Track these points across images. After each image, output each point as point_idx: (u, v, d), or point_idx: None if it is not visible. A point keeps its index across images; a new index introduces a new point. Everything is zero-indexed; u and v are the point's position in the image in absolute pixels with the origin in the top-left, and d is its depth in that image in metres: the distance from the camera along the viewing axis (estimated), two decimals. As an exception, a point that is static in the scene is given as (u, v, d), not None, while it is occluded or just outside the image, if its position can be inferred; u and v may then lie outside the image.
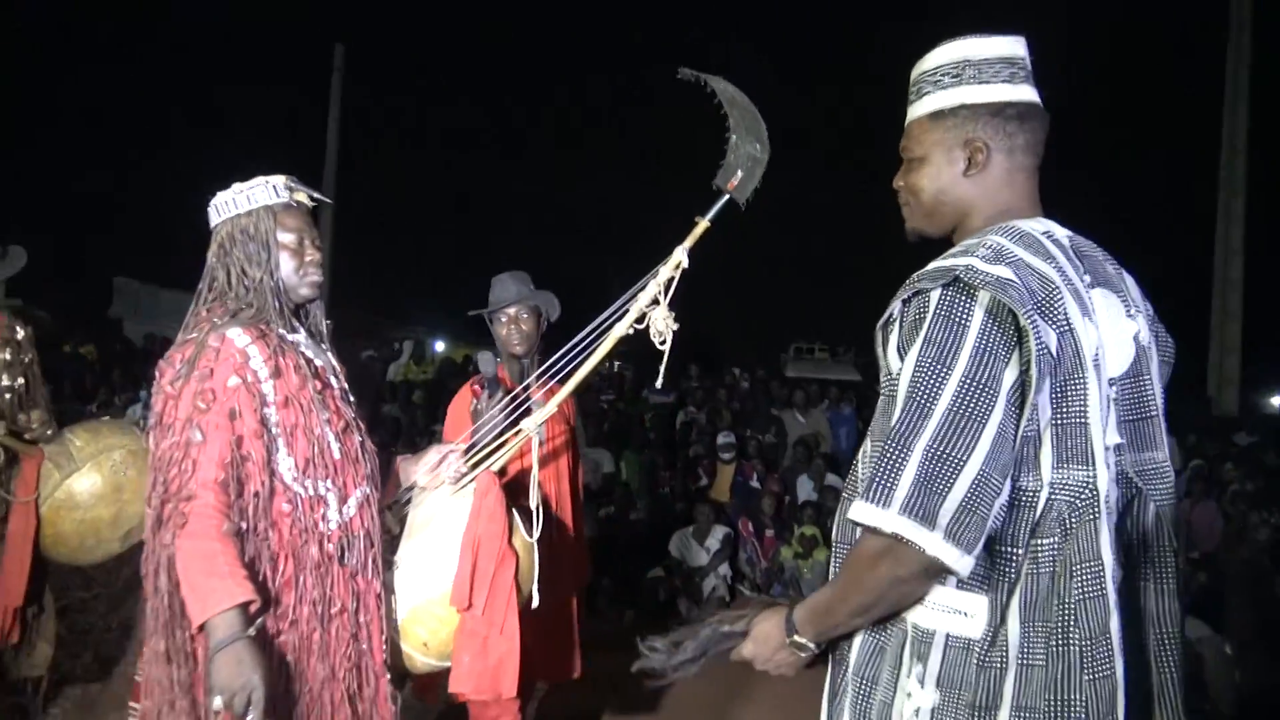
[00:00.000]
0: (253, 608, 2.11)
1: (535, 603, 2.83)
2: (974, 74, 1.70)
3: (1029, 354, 1.50)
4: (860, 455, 1.79)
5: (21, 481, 3.28)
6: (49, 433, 3.35)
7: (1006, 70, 1.70)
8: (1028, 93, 1.72)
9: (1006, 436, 1.49)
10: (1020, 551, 1.54)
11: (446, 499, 2.78)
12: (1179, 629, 1.70)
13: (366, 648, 2.40)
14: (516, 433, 2.99)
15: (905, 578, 1.52)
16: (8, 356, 3.44)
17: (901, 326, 1.60)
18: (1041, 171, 1.77)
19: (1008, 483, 1.50)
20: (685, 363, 11.89)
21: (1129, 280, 1.77)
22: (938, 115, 1.73)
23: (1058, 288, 1.57)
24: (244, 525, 2.18)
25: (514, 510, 2.80)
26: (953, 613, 1.57)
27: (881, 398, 1.69)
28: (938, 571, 1.50)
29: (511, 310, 3.65)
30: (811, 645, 1.69)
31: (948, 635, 1.57)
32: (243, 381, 2.22)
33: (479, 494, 2.73)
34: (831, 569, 1.81)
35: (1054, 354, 1.53)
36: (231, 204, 2.39)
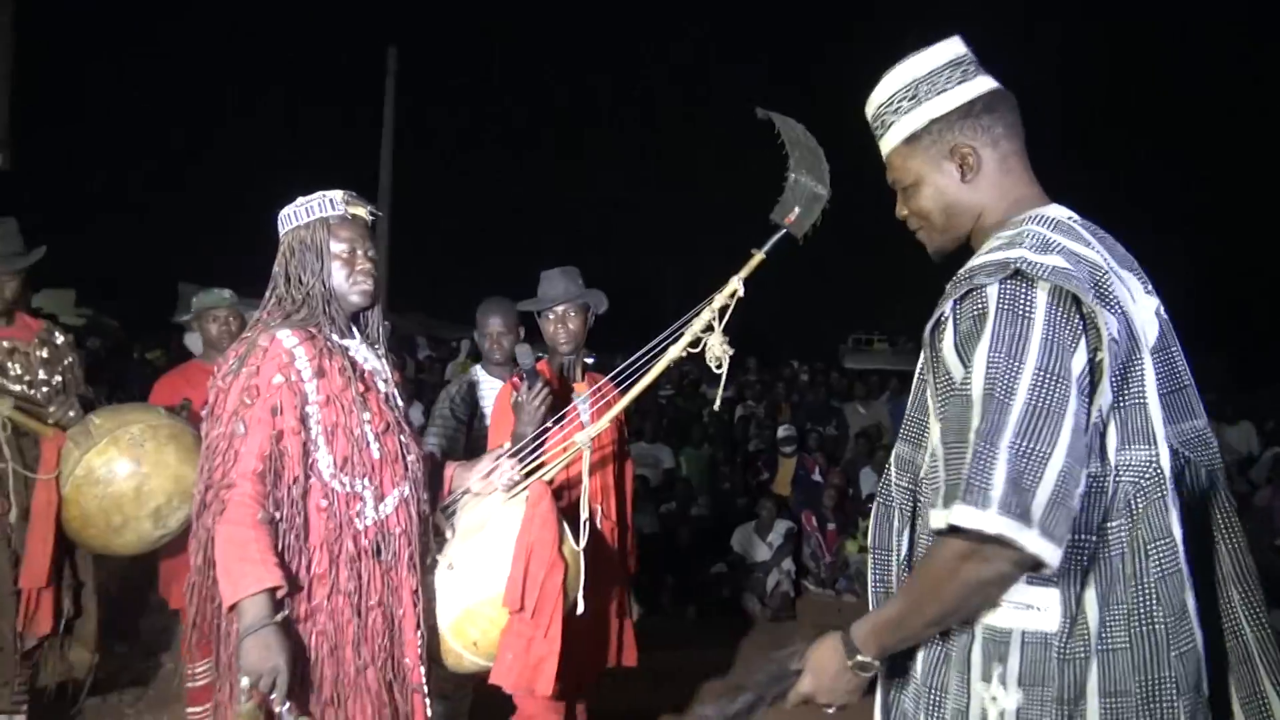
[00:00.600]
0: (280, 593, 2.24)
1: (580, 609, 2.92)
2: (929, 89, 1.72)
3: (1096, 341, 1.49)
4: (895, 459, 1.79)
5: (42, 462, 3.35)
6: (71, 415, 3.41)
7: (957, 72, 1.72)
8: (984, 82, 1.74)
9: (1081, 426, 1.48)
10: (1092, 538, 1.53)
11: (499, 505, 2.86)
12: (1259, 581, 1.68)
13: (400, 640, 2.50)
14: (567, 447, 3.07)
15: (992, 580, 1.49)
16: (45, 355, 3.57)
17: (957, 325, 1.57)
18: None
19: (1084, 472, 1.49)
20: (743, 356, 11.82)
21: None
22: (912, 139, 1.75)
23: (1106, 271, 1.58)
24: (279, 516, 2.31)
25: (563, 520, 2.89)
26: (1026, 609, 1.55)
27: (940, 400, 1.63)
28: (1026, 570, 1.47)
29: (560, 309, 3.63)
30: (875, 664, 1.65)
31: (1024, 633, 1.55)
32: (286, 380, 2.35)
33: (532, 503, 2.83)
34: (870, 574, 1.80)
35: (1116, 338, 1.53)
36: (293, 216, 2.54)
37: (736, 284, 2.86)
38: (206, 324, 4.32)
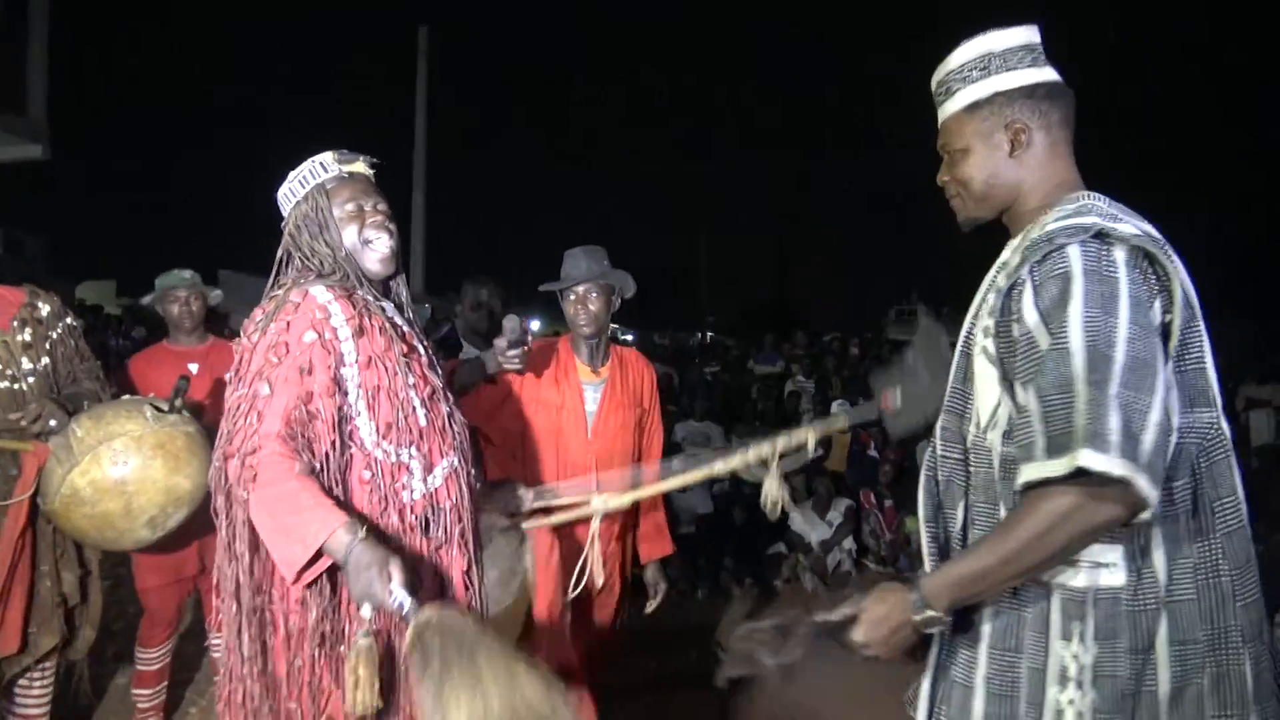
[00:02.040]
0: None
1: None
2: (1000, 64, 1.81)
3: (1168, 303, 1.60)
4: (940, 433, 1.84)
5: (21, 481, 3.14)
6: (53, 424, 3.04)
7: (1029, 56, 1.81)
8: (1050, 74, 1.82)
9: (1169, 380, 1.57)
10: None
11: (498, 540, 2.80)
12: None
13: None
14: (579, 504, 3.01)
15: (1101, 525, 1.53)
16: (27, 338, 3.25)
17: (1037, 287, 1.62)
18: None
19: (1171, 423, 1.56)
20: (790, 330, 11.61)
21: None
22: (973, 107, 1.82)
23: (1163, 244, 1.65)
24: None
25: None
26: (1096, 566, 1.62)
27: (1017, 362, 1.65)
28: (1132, 515, 1.52)
29: (580, 289, 3.44)
30: (946, 619, 1.68)
31: (1096, 590, 1.62)
32: (319, 337, 2.12)
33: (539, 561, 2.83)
34: (926, 549, 1.84)
35: (1184, 301, 1.61)
36: (290, 194, 2.36)
37: (810, 439, 2.73)
38: (167, 305, 4.19)
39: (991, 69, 1.81)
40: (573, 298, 3.45)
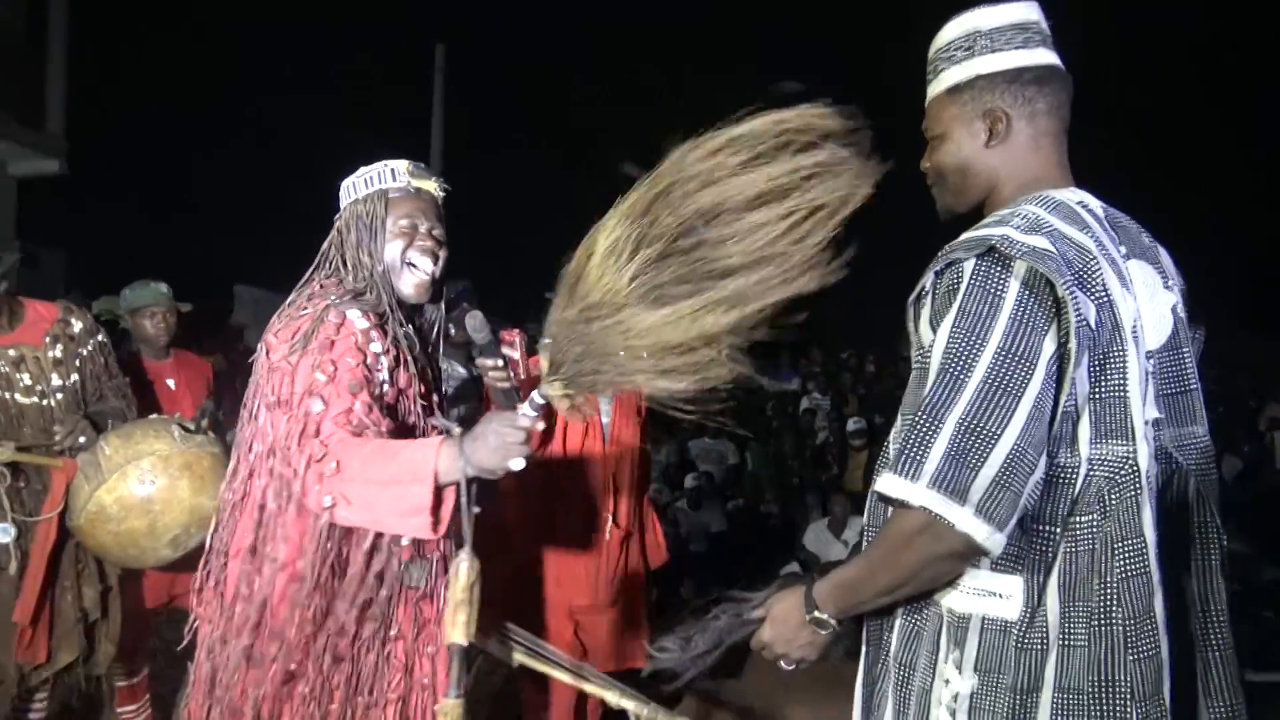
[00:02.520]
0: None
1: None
2: (986, 44, 1.68)
3: (1067, 326, 1.46)
4: (893, 433, 1.71)
5: (49, 497, 3.17)
6: (82, 441, 3.13)
7: (1020, 36, 1.67)
8: (1044, 56, 1.68)
9: (1043, 410, 1.46)
10: (1058, 530, 1.51)
11: None
12: (1225, 607, 1.65)
13: (425, 682, 2.21)
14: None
15: (942, 555, 1.47)
16: (58, 354, 3.29)
17: (934, 299, 1.56)
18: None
19: (1043, 459, 1.46)
20: (805, 346, 11.57)
21: (1164, 254, 1.72)
22: (954, 90, 1.70)
23: (1095, 258, 1.54)
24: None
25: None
26: (988, 595, 1.54)
27: (913, 373, 1.64)
28: (973, 551, 1.45)
29: None
30: (832, 622, 1.63)
31: (984, 618, 1.54)
32: (361, 363, 2.05)
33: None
34: (866, 543, 1.74)
35: (1093, 326, 1.50)
36: (352, 188, 2.27)
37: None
38: (142, 320, 4.04)
39: (976, 49, 1.68)
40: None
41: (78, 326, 3.36)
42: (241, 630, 2.08)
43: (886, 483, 1.46)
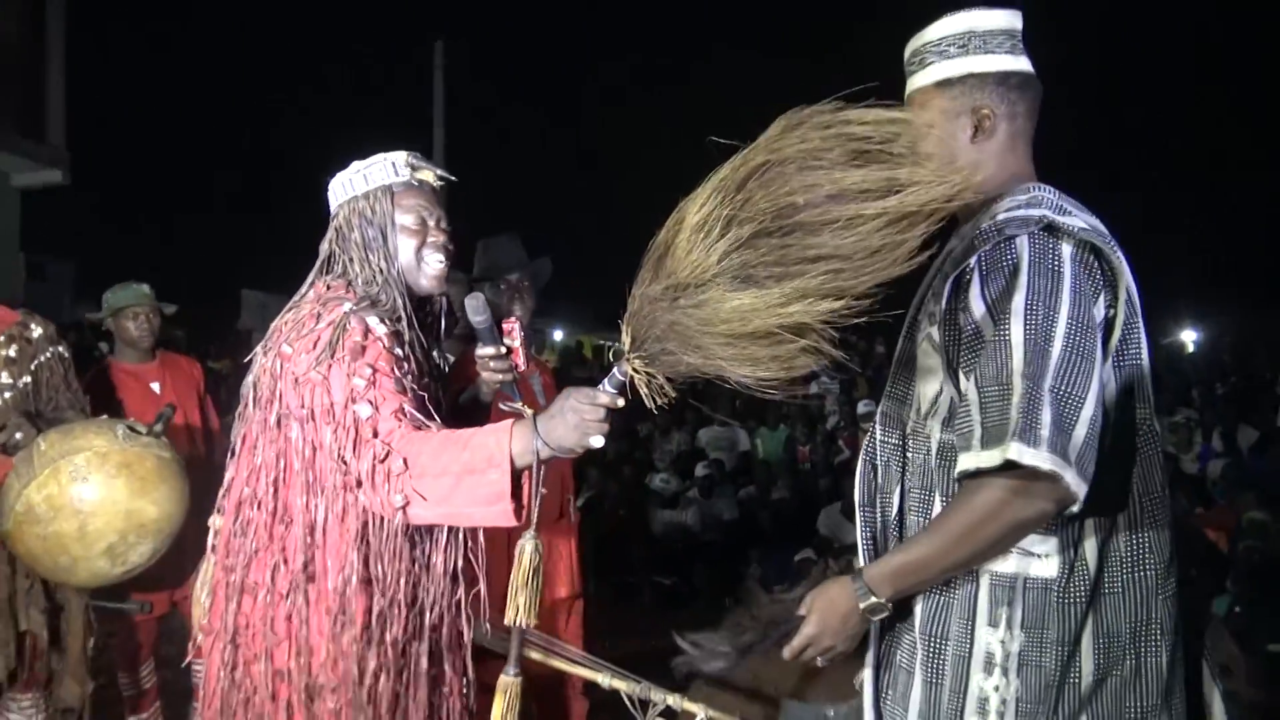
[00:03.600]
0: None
1: None
2: (980, 44, 1.77)
3: (1113, 297, 1.61)
4: (881, 417, 1.84)
5: None
6: (19, 437, 2.91)
7: (1009, 42, 1.78)
8: (1026, 64, 1.79)
9: (1105, 375, 1.58)
10: (1091, 489, 1.55)
11: None
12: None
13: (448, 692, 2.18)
14: None
15: (1034, 519, 1.54)
16: (12, 353, 3.12)
17: (984, 276, 1.62)
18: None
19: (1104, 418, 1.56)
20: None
21: None
22: (944, 83, 1.78)
23: (1109, 238, 1.66)
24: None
25: None
26: (1029, 556, 1.62)
27: (961, 351, 1.65)
28: (1060, 509, 1.53)
29: (514, 277, 3.34)
30: (888, 606, 1.67)
31: (1026, 578, 1.62)
32: (394, 366, 2.01)
33: None
34: (860, 533, 1.82)
35: (1127, 298, 1.62)
36: (349, 185, 2.17)
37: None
38: (124, 321, 4.00)
39: (970, 48, 1.77)
40: (504, 287, 3.36)
41: (36, 332, 3.21)
42: (266, 659, 2.02)
43: (1017, 451, 1.47)
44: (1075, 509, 1.52)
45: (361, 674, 2.00)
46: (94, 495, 2.76)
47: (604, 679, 2.31)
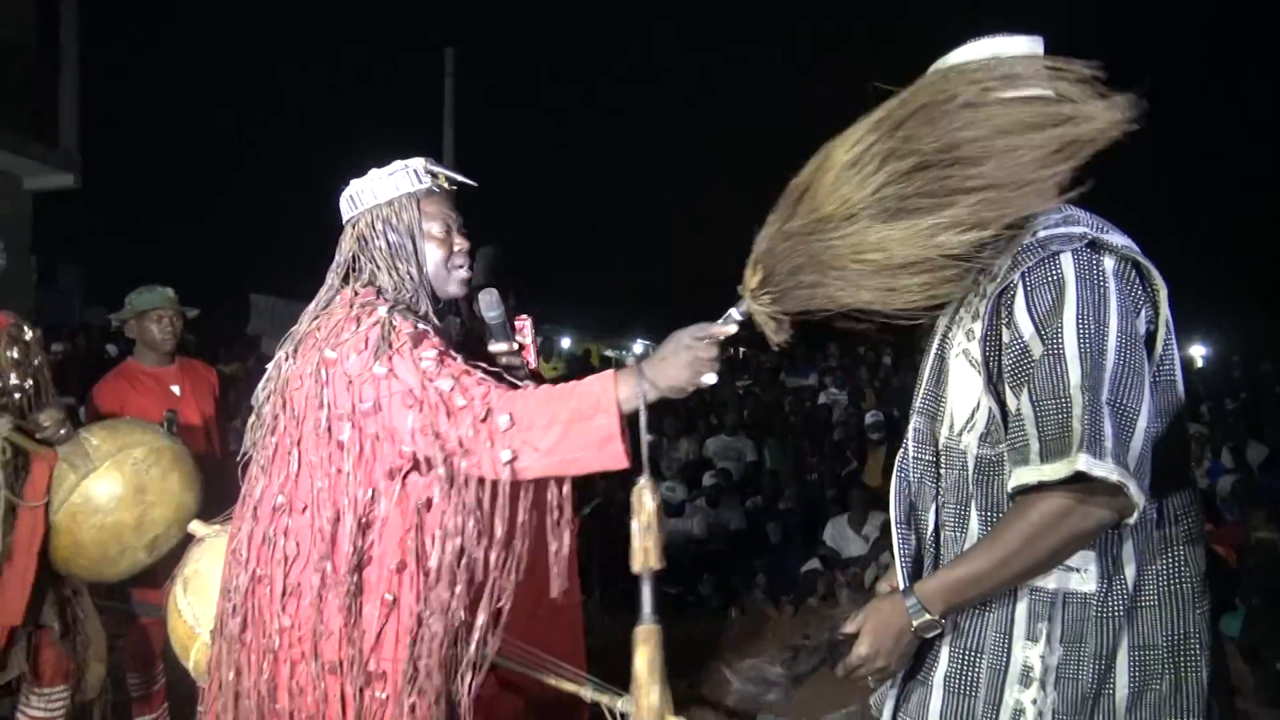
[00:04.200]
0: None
1: None
2: None
3: (1153, 312, 1.64)
4: (913, 434, 1.82)
5: (30, 485, 3.00)
6: (63, 433, 3.04)
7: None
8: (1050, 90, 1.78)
9: (1151, 388, 1.59)
10: None
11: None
12: None
13: None
14: None
15: (1091, 531, 1.56)
16: (15, 355, 3.16)
17: (1029, 291, 1.63)
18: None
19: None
20: (822, 341, 11.52)
21: None
22: None
23: (1142, 256, 1.67)
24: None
25: None
26: (1069, 570, 1.63)
27: (1006, 366, 1.66)
28: (1118, 521, 1.54)
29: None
30: (942, 623, 1.67)
31: (1065, 593, 1.64)
32: (444, 354, 2.03)
33: None
34: (898, 550, 1.81)
35: (1165, 315, 1.65)
36: (370, 193, 2.18)
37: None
38: (148, 324, 4.01)
39: None
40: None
41: (29, 336, 3.25)
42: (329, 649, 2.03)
43: (1086, 463, 1.48)
44: (1132, 520, 1.54)
45: (415, 662, 2.03)
46: (156, 486, 2.96)
47: (586, 693, 2.32)
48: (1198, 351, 20.66)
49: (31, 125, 10.60)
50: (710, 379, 1.86)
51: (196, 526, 2.77)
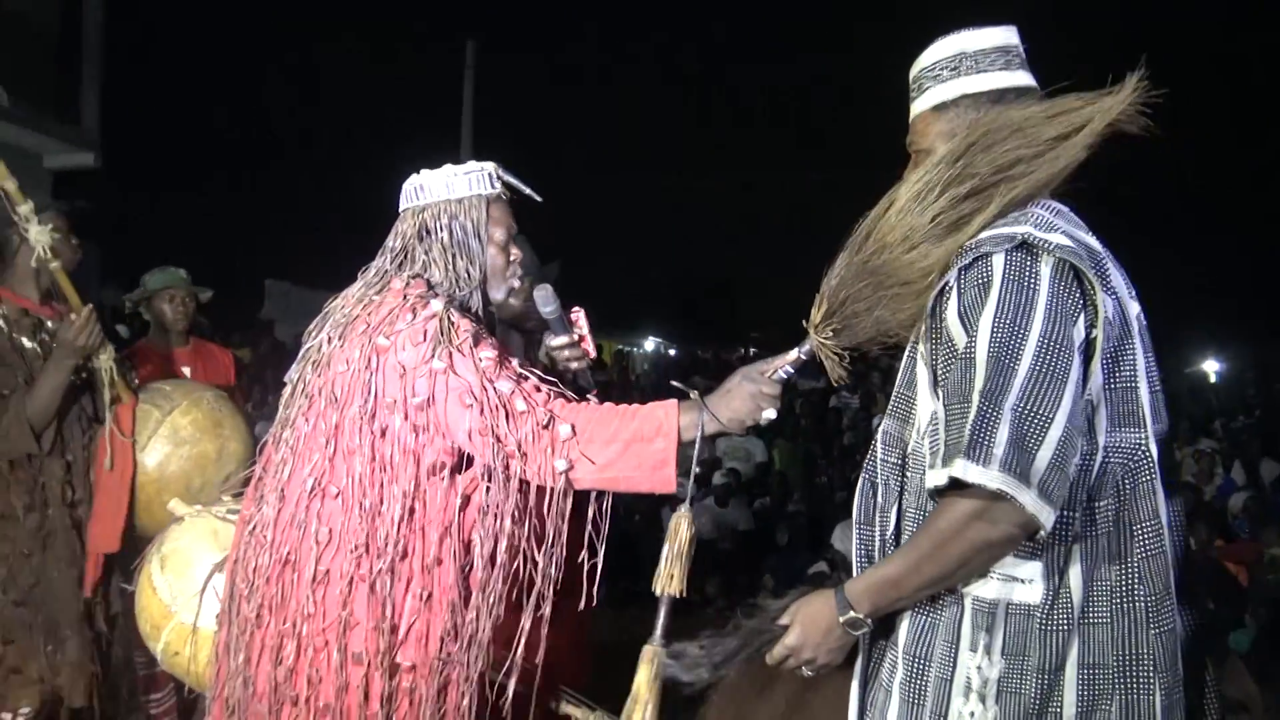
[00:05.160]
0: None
1: None
2: (971, 65, 1.78)
3: (1094, 316, 1.58)
4: (881, 436, 1.82)
5: (119, 423, 3.15)
6: (137, 381, 3.29)
7: (1002, 59, 1.78)
8: (1024, 77, 1.79)
9: (1080, 396, 1.55)
10: (1077, 515, 1.58)
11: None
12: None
13: None
14: None
15: (996, 541, 1.53)
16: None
17: (961, 293, 1.63)
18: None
19: (1082, 441, 1.54)
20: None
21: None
22: (940, 107, 1.81)
23: (1104, 257, 1.67)
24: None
25: None
26: (1012, 581, 1.60)
27: (937, 367, 1.68)
28: (1027, 533, 1.51)
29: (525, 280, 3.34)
30: (868, 623, 1.67)
31: (1008, 604, 1.60)
32: (499, 354, 2.07)
33: None
34: (855, 550, 1.81)
35: (1111, 319, 1.60)
36: (443, 186, 2.19)
37: None
38: (160, 304, 4.04)
39: (962, 69, 1.79)
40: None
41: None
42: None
43: (963, 469, 1.48)
44: (1043, 534, 1.51)
45: (444, 654, 2.05)
46: (230, 422, 3.28)
47: (565, 707, 2.36)
48: (1211, 367, 20.58)
49: (53, 104, 10.63)
50: (770, 415, 1.93)
51: (176, 505, 2.79)
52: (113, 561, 3.20)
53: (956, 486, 1.51)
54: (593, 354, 2.38)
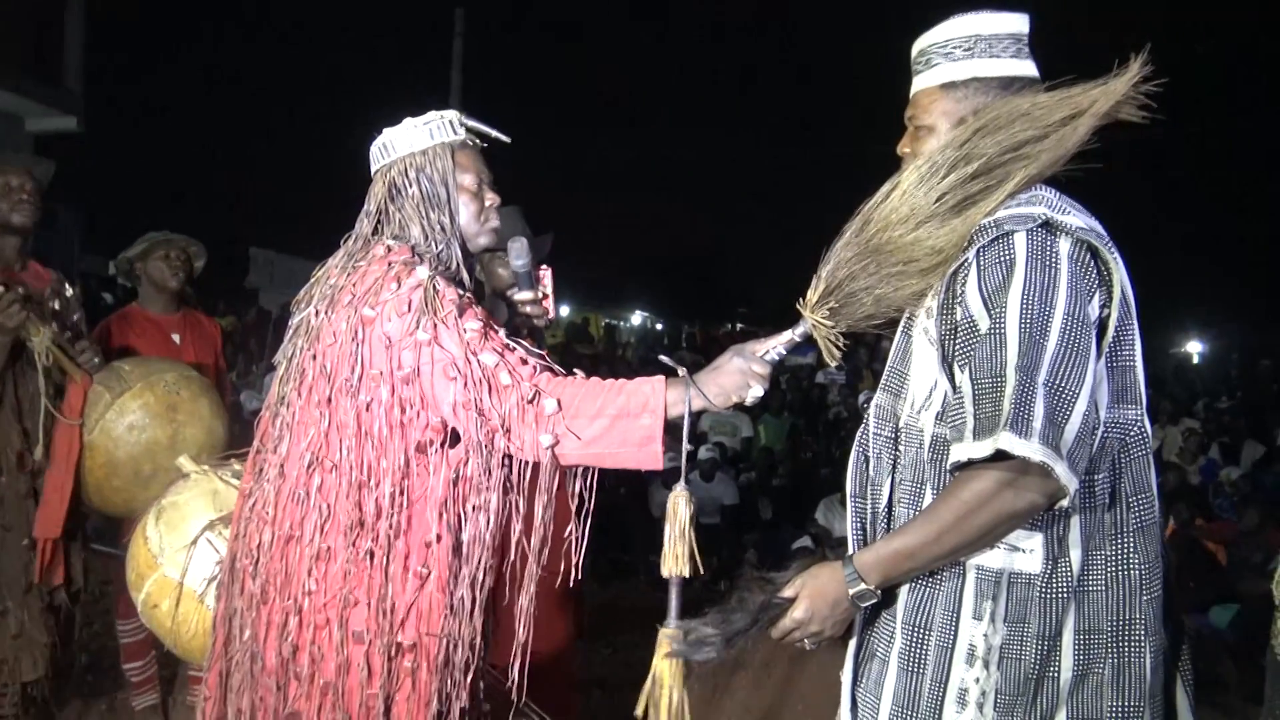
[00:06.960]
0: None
1: None
2: (985, 48, 1.78)
3: (1107, 296, 1.64)
4: (875, 410, 1.85)
5: (67, 404, 3.11)
6: (96, 361, 3.19)
7: (1014, 46, 1.79)
8: (1031, 68, 1.81)
9: (1098, 373, 1.61)
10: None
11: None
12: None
13: None
14: None
15: (1021, 511, 1.56)
16: (56, 306, 3.27)
17: (982, 269, 1.65)
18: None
19: (1097, 415, 1.61)
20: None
21: None
22: (949, 86, 1.80)
23: (1108, 240, 1.68)
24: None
25: None
26: (1013, 550, 1.64)
27: (955, 343, 1.69)
28: (1052, 503, 1.55)
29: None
30: (877, 593, 1.68)
31: (1010, 573, 1.65)
32: (486, 324, 2.02)
33: None
34: (851, 523, 1.83)
35: (1124, 298, 1.66)
36: (404, 141, 2.12)
37: None
38: (155, 260, 3.96)
39: (976, 51, 1.79)
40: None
41: (69, 293, 3.38)
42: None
43: (1007, 441, 1.50)
44: (1065, 503, 1.55)
45: (444, 631, 2.02)
46: (187, 408, 3.13)
47: None
48: (1194, 348, 20.70)
49: (35, 66, 10.50)
50: (758, 393, 1.91)
51: (184, 462, 2.76)
52: (77, 535, 3.22)
53: (995, 459, 1.53)
54: (552, 314, 2.36)
